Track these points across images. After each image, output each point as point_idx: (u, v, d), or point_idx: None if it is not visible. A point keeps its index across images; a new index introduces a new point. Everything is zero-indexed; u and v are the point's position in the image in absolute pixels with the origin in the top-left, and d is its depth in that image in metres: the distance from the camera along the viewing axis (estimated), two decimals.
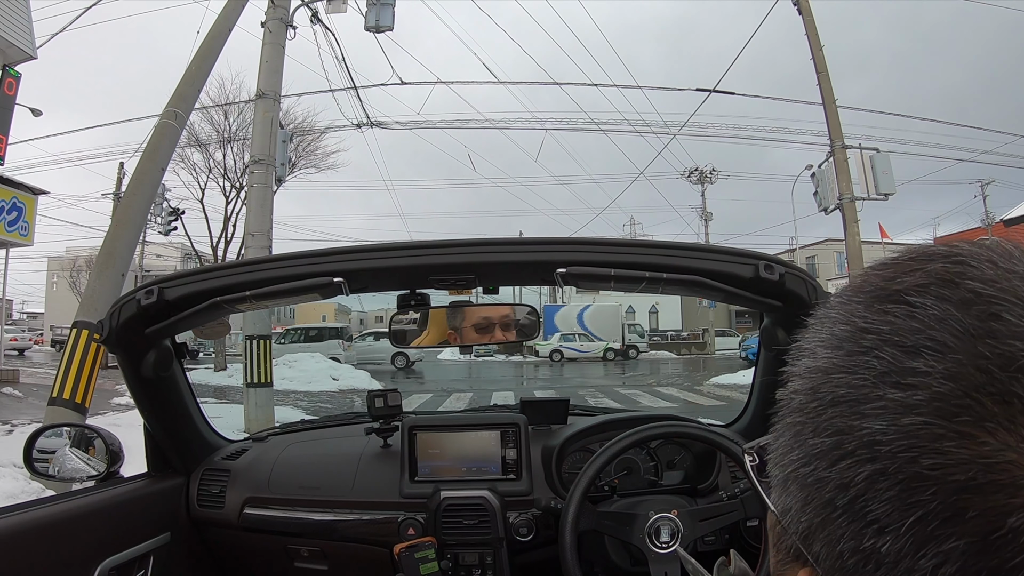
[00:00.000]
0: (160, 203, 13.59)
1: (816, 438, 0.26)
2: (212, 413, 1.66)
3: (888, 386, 0.24)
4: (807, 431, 0.27)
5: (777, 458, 0.30)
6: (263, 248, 6.48)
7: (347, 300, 22.93)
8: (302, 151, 15.00)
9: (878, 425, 0.24)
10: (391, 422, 1.49)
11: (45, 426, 1.32)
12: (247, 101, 12.43)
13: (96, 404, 4.86)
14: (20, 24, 8.97)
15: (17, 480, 4.01)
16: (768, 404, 1.30)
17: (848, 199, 9.55)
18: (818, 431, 0.26)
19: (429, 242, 1.11)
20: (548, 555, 1.27)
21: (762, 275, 1.03)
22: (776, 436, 0.31)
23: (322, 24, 7.90)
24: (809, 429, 0.27)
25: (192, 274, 1.12)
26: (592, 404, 6.70)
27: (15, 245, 11.48)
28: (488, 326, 1.33)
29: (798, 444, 0.28)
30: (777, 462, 0.30)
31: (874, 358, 0.25)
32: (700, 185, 25.51)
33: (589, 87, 13.03)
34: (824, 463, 0.26)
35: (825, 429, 0.26)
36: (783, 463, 0.29)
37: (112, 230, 4.47)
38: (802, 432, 0.28)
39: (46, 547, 1.01)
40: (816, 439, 0.26)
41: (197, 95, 5.33)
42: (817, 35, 9.87)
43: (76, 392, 3.85)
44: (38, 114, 10.91)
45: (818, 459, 0.26)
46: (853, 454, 0.25)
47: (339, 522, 1.34)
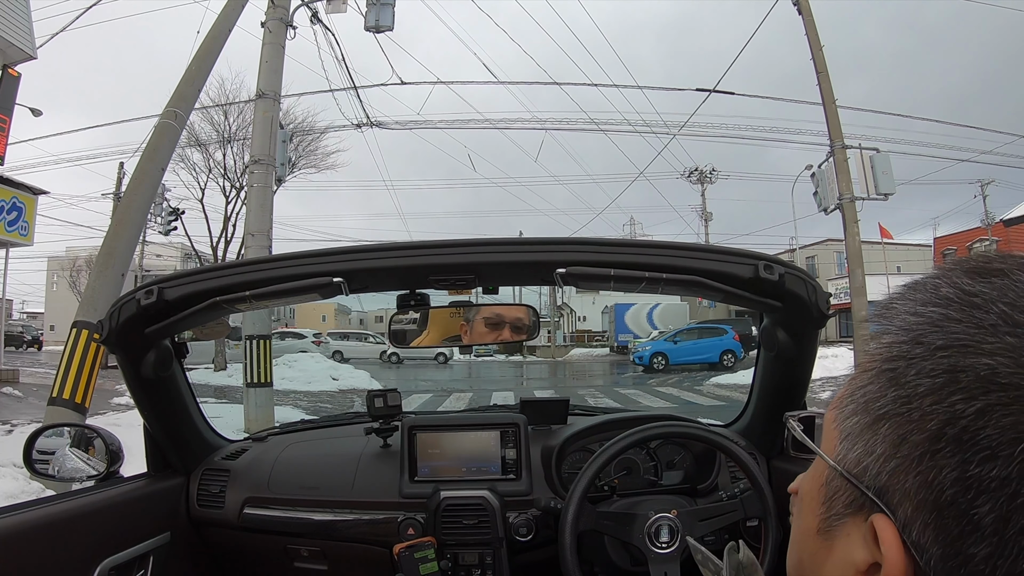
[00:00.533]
0: (160, 203, 13.59)
1: (922, 379, 0.29)
2: (212, 413, 1.66)
3: (1001, 333, 0.27)
4: (909, 373, 0.29)
5: (862, 406, 0.32)
6: (263, 248, 6.48)
7: (347, 300, 23.00)
8: (302, 151, 15.00)
9: (995, 362, 0.27)
10: (391, 422, 1.49)
11: (45, 426, 1.32)
12: (247, 101, 12.43)
13: (96, 404, 4.86)
14: (20, 24, 8.97)
15: (17, 480, 4.01)
16: (768, 403, 1.29)
17: (848, 199, 9.54)
18: (924, 372, 0.29)
19: (429, 242, 1.11)
20: (548, 555, 1.27)
21: (762, 275, 1.03)
22: (856, 389, 0.33)
23: (322, 24, 7.90)
24: (912, 371, 0.29)
25: (192, 274, 1.12)
26: (592, 404, 6.71)
27: (15, 245, 11.47)
28: (488, 326, 1.33)
29: (895, 386, 0.30)
30: (862, 410, 0.32)
31: (984, 312, 0.28)
32: (700, 185, 25.53)
33: (589, 87, 13.04)
34: (931, 400, 0.28)
35: (933, 370, 0.28)
36: (871, 408, 0.31)
37: (112, 230, 4.46)
38: (903, 375, 0.30)
39: (46, 547, 1.01)
40: (922, 379, 0.29)
41: (197, 95, 5.32)
42: (817, 35, 9.86)
43: (76, 392, 3.85)
44: (38, 114, 10.91)
45: (923, 397, 0.28)
46: (966, 388, 0.27)
47: (339, 522, 1.34)
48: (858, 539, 0.31)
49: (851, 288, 9.63)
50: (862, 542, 0.31)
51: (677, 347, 18.34)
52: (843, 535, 0.33)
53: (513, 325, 1.33)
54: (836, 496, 0.33)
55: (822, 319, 1.10)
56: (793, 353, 1.19)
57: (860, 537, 0.31)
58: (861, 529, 0.31)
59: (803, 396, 1.30)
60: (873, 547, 0.30)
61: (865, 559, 0.31)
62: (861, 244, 9.86)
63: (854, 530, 0.32)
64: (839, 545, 0.33)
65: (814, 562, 0.35)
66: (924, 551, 0.28)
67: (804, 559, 0.36)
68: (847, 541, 0.32)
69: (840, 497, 0.33)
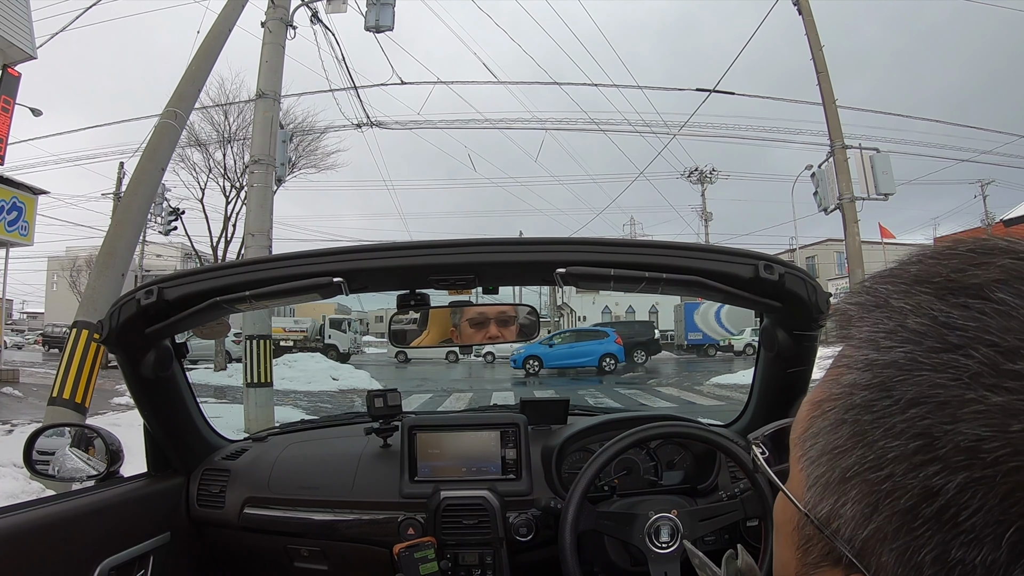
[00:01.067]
0: (160, 203, 13.60)
1: (891, 440, 0.25)
2: (212, 413, 1.66)
3: (984, 388, 0.23)
4: (877, 432, 0.25)
5: (826, 458, 0.28)
6: (263, 248, 6.48)
7: (347, 300, 22.92)
8: (302, 151, 15.01)
9: (979, 431, 0.23)
10: (391, 422, 1.49)
11: (45, 426, 1.32)
12: (247, 101, 12.45)
13: (96, 404, 4.86)
14: (20, 24, 8.97)
15: (17, 480, 4.01)
16: (768, 403, 1.29)
17: (848, 199, 9.55)
18: (893, 433, 0.25)
19: (429, 242, 1.11)
20: (548, 555, 1.27)
21: (762, 275, 1.03)
22: (819, 432, 0.29)
23: (322, 24, 7.91)
24: (880, 430, 0.25)
25: (192, 274, 1.12)
26: (592, 404, 6.71)
27: (15, 245, 11.48)
28: (488, 326, 1.33)
29: (862, 444, 0.26)
30: (826, 462, 0.28)
31: (964, 356, 0.24)
32: (700, 185, 25.52)
33: (589, 87, 13.04)
34: (903, 467, 0.24)
35: (905, 431, 0.24)
36: (837, 464, 0.27)
37: (112, 230, 4.46)
38: (869, 432, 0.26)
39: (46, 547, 1.01)
40: (892, 441, 0.25)
41: (197, 95, 5.32)
42: (817, 35, 9.87)
43: (76, 392, 3.85)
44: (38, 114, 10.92)
45: (894, 463, 0.24)
46: (944, 460, 0.23)
47: (339, 522, 1.34)
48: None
49: (851, 288, 9.62)
50: None
51: (552, 351, 18.10)
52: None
53: (513, 325, 1.33)
54: (810, 544, 0.30)
55: (822, 319, 1.10)
56: (793, 353, 1.19)
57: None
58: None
59: (803, 396, 1.28)
60: None
61: None
62: (861, 244, 9.86)
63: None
64: None
65: None
66: None
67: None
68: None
69: (815, 546, 0.30)
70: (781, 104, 32.89)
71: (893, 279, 0.29)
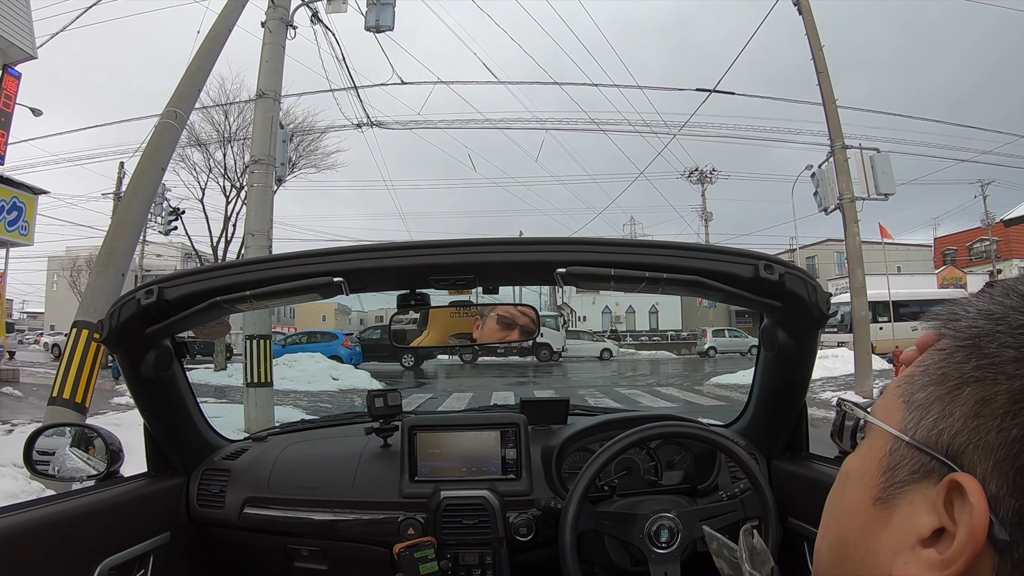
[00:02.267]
0: (160, 203, 13.60)
1: (1005, 349, 0.31)
2: (212, 413, 1.66)
3: None
4: (992, 346, 0.31)
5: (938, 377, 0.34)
6: (263, 248, 6.48)
7: (347, 300, 22.91)
8: (302, 151, 15.02)
9: None
10: (391, 422, 1.48)
11: (45, 426, 1.32)
12: (247, 101, 12.45)
13: (96, 404, 4.86)
14: (20, 24, 8.97)
15: (17, 480, 4.01)
16: (769, 404, 1.29)
17: (848, 199, 9.54)
18: (1006, 344, 0.31)
19: (429, 242, 1.11)
20: (548, 555, 1.27)
21: (762, 275, 1.03)
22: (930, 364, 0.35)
23: (322, 24, 7.90)
24: (994, 344, 0.31)
25: (192, 274, 1.12)
26: (592, 404, 6.70)
27: (15, 245, 11.48)
28: (488, 326, 1.33)
29: (976, 357, 0.32)
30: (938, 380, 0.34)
31: None
32: (700, 185, 25.53)
33: (589, 87, 13.04)
34: (1013, 366, 0.30)
35: (1015, 342, 0.31)
36: (950, 376, 0.33)
37: (112, 230, 4.46)
38: (985, 348, 0.32)
39: (46, 547, 1.01)
40: (1005, 349, 0.31)
41: (197, 95, 5.32)
42: (817, 35, 9.86)
43: (76, 392, 3.85)
44: (38, 114, 10.92)
45: (1006, 364, 0.31)
46: None
47: (339, 522, 1.34)
48: (923, 505, 0.32)
49: (851, 288, 9.63)
50: (929, 507, 0.31)
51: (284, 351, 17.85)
52: (905, 502, 0.33)
53: (513, 325, 1.33)
54: (900, 465, 0.34)
55: (822, 319, 1.10)
56: (793, 353, 1.19)
57: (926, 502, 0.32)
58: (929, 495, 0.32)
59: (803, 396, 1.30)
60: (942, 511, 0.31)
61: (930, 525, 0.31)
62: (861, 244, 9.85)
63: (919, 497, 0.32)
64: (899, 513, 0.33)
65: (864, 534, 0.35)
66: (1001, 504, 0.29)
67: (849, 535, 0.36)
68: (910, 509, 0.32)
69: (905, 465, 0.33)
70: (781, 104, 32.90)
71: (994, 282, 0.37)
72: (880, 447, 0.36)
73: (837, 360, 12.25)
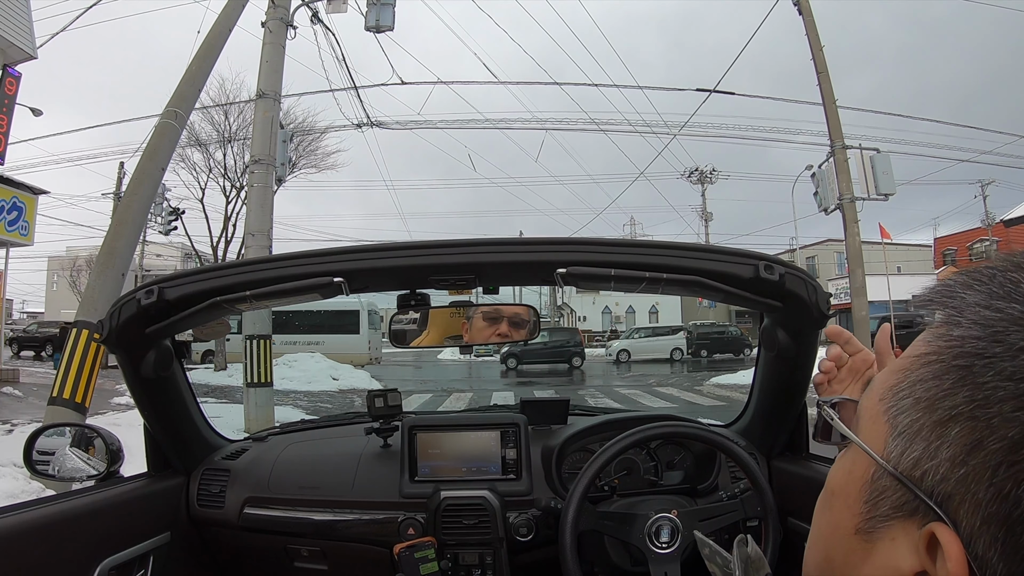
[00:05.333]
0: (160, 203, 13.61)
1: (1003, 381, 0.27)
2: (212, 413, 1.66)
3: None
4: (988, 374, 0.27)
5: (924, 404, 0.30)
6: (263, 248, 6.48)
7: None
8: (302, 151, 15.01)
9: None
10: (391, 422, 1.48)
11: (45, 426, 1.32)
12: (247, 101, 12.46)
13: (96, 404, 4.86)
14: (20, 24, 8.97)
15: (17, 480, 4.01)
16: (769, 404, 1.29)
17: (848, 199, 9.55)
18: (1005, 375, 0.27)
19: (429, 242, 1.11)
20: (548, 555, 1.27)
21: (762, 275, 1.03)
22: (916, 382, 0.31)
23: (322, 24, 7.90)
24: (991, 372, 0.27)
25: (192, 274, 1.12)
26: (592, 404, 6.71)
27: (15, 245, 11.47)
28: (488, 326, 1.33)
29: (970, 386, 0.28)
30: (924, 407, 0.30)
31: None
32: (700, 185, 25.52)
33: (589, 87, 13.04)
34: (1011, 405, 0.26)
35: (1015, 373, 0.26)
36: (938, 406, 0.29)
37: (112, 230, 4.46)
38: (980, 374, 0.28)
39: (46, 547, 1.01)
40: (1003, 382, 0.27)
41: (197, 95, 5.32)
42: (817, 35, 9.87)
43: (76, 392, 3.85)
44: (38, 114, 10.92)
45: (1003, 401, 0.26)
46: None
47: (339, 522, 1.34)
48: (906, 545, 0.29)
49: (851, 288, 9.64)
50: (911, 549, 0.29)
51: None
52: (887, 539, 0.31)
53: (513, 325, 1.33)
54: (883, 496, 0.31)
55: (822, 319, 1.10)
56: (793, 353, 1.19)
57: (909, 544, 0.29)
58: (912, 536, 0.29)
59: (803, 396, 1.30)
60: (924, 556, 0.28)
61: (912, 567, 0.29)
62: (861, 244, 9.87)
63: (902, 535, 0.30)
64: (881, 548, 0.31)
65: (848, 562, 0.33)
66: (988, 567, 0.26)
67: (835, 557, 0.34)
68: (892, 546, 0.30)
69: (888, 497, 0.31)
70: (782, 103, 32.89)
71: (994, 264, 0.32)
72: (863, 469, 0.33)
73: None
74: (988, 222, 25.75)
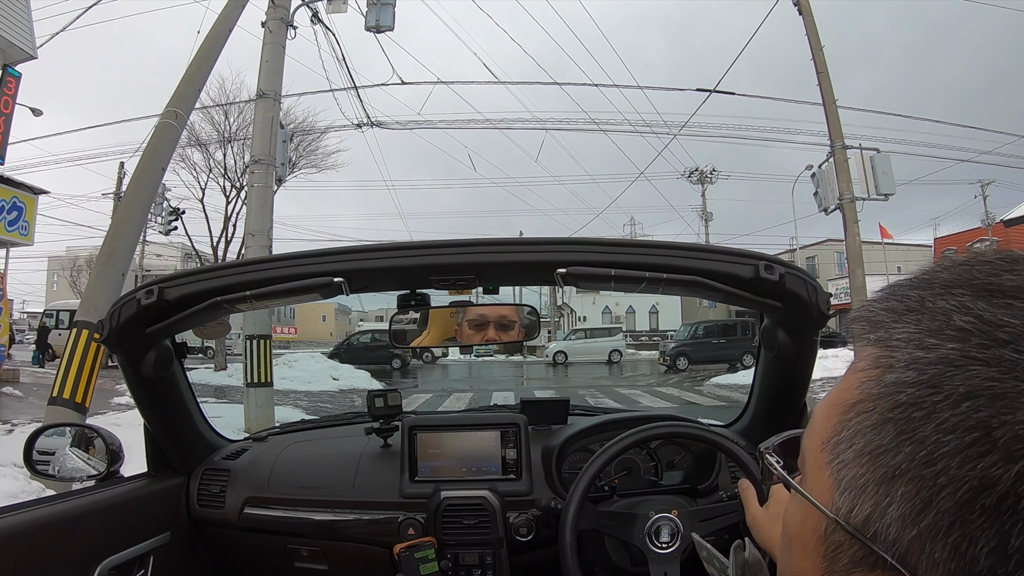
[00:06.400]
0: (160, 203, 13.61)
1: (945, 435, 0.25)
2: (212, 413, 1.66)
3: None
4: (928, 427, 0.25)
5: (867, 459, 0.28)
6: (263, 248, 6.48)
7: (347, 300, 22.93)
8: (302, 151, 15.01)
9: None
10: (391, 422, 1.48)
11: (45, 426, 1.32)
12: (247, 101, 12.46)
13: (96, 404, 4.86)
14: (20, 24, 8.97)
15: (17, 480, 4.01)
16: (769, 404, 1.28)
17: (848, 199, 9.55)
18: (947, 427, 0.25)
19: (429, 242, 1.11)
20: (548, 555, 1.27)
21: (762, 275, 1.03)
22: (856, 434, 0.29)
23: (322, 24, 7.91)
24: (931, 425, 0.25)
25: (192, 274, 1.12)
26: (592, 404, 6.70)
27: (15, 245, 11.47)
28: (488, 326, 1.33)
29: (912, 441, 0.26)
30: (867, 463, 0.28)
31: (1013, 351, 0.25)
32: (700, 185, 25.51)
33: (589, 87, 13.04)
34: (958, 460, 0.24)
35: (959, 425, 0.24)
36: (880, 463, 0.27)
37: (112, 230, 4.46)
38: (920, 428, 0.26)
39: (46, 547, 1.01)
40: (945, 436, 0.25)
41: (197, 95, 5.32)
42: (817, 35, 9.86)
43: (76, 392, 3.85)
44: (38, 114, 10.92)
45: (948, 457, 0.24)
46: (1002, 449, 0.23)
47: (339, 522, 1.34)
48: None
49: (851, 288, 9.64)
50: None
51: None
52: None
53: (513, 325, 1.33)
54: (839, 550, 0.30)
55: (822, 319, 1.10)
56: (793, 353, 1.19)
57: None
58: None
59: (803, 396, 1.30)
60: None
61: None
62: (861, 244, 9.86)
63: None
64: None
65: None
66: None
67: None
68: None
69: (845, 552, 0.29)
70: (782, 103, 32.89)
71: (923, 285, 0.30)
72: (815, 520, 0.31)
73: (837, 360, 12.25)
74: (988, 222, 25.73)
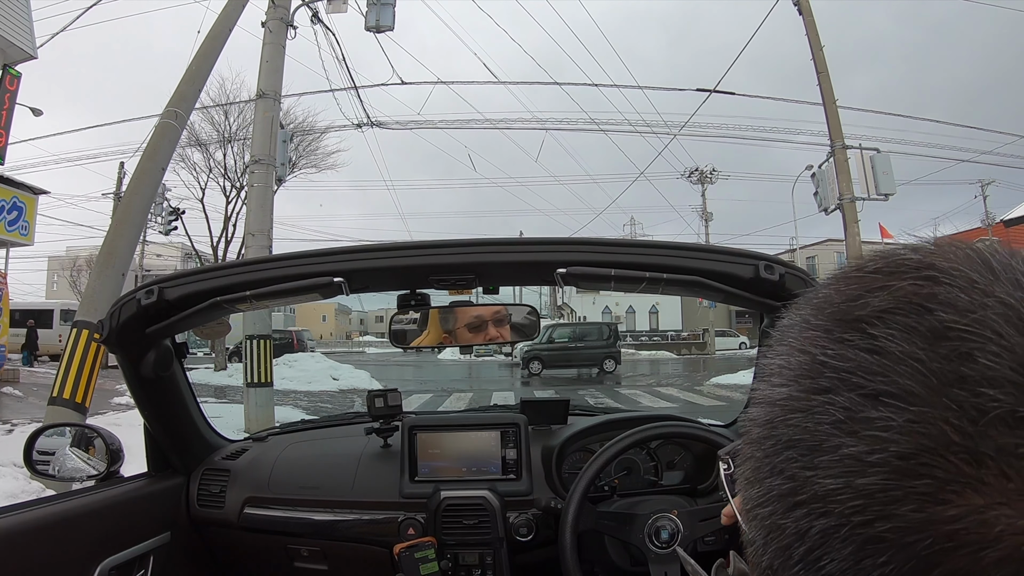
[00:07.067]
0: (160, 203, 13.60)
1: (773, 479, 0.25)
2: (212, 413, 1.66)
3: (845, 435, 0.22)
4: (764, 469, 0.25)
5: (741, 486, 0.28)
6: (263, 248, 6.48)
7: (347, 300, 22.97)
8: (302, 151, 15.01)
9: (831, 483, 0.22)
10: (391, 422, 1.49)
11: (45, 426, 1.32)
12: (247, 101, 12.45)
13: (96, 404, 4.86)
14: (20, 24, 8.97)
15: (17, 480, 4.01)
16: None
17: (848, 199, 9.55)
18: (775, 472, 0.25)
19: (429, 242, 1.11)
20: (548, 555, 1.27)
21: (762, 275, 1.03)
22: (741, 460, 0.28)
23: (322, 24, 7.91)
24: (767, 468, 0.25)
25: (192, 274, 1.12)
26: (592, 404, 6.70)
27: (15, 245, 11.47)
28: (488, 326, 1.33)
29: (757, 480, 0.26)
30: (742, 491, 0.28)
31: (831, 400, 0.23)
32: (700, 185, 25.50)
33: (589, 87, 13.04)
34: (781, 507, 0.24)
35: (782, 471, 0.24)
36: (746, 495, 0.27)
37: (112, 230, 4.47)
38: (760, 469, 0.25)
39: (46, 547, 1.01)
40: (774, 480, 0.24)
41: (197, 95, 5.33)
42: (817, 35, 9.86)
43: (76, 392, 3.85)
44: (38, 114, 10.92)
45: (775, 502, 0.24)
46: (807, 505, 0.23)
47: (339, 522, 1.34)
48: None
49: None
50: None
51: None
52: None
53: (513, 325, 1.33)
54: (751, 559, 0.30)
55: None
56: None
57: None
58: None
59: None
60: None
61: None
62: (861, 244, 9.85)
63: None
64: None
65: None
66: None
67: None
68: None
69: None
70: (782, 103, 32.90)
71: (807, 302, 0.28)
72: None
73: None
74: (988, 222, 25.73)
